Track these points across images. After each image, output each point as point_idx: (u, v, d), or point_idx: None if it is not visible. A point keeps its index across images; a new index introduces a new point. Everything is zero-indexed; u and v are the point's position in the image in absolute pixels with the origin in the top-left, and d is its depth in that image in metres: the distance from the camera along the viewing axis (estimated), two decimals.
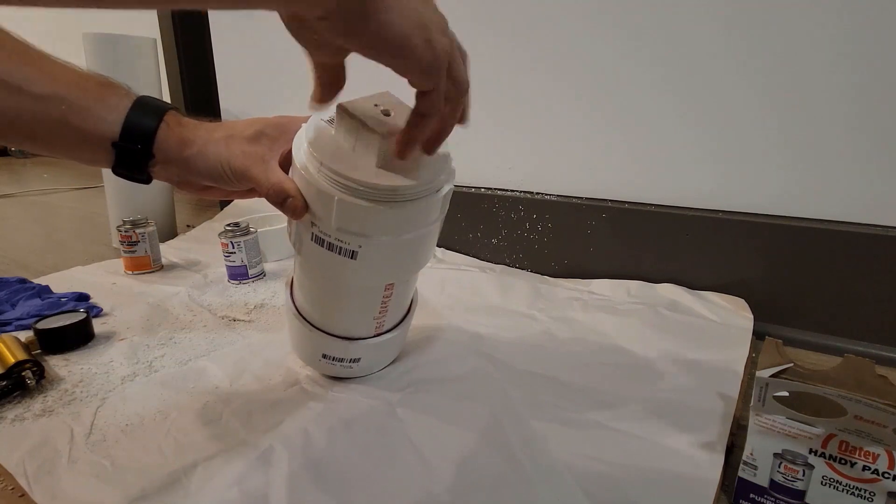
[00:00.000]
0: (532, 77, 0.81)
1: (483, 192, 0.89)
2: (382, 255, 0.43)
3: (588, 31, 0.74)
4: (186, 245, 1.04)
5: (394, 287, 0.48)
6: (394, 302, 0.49)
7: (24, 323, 0.67)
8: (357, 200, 0.39)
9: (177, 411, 0.49)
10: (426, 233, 0.44)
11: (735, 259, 0.69)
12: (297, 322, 0.51)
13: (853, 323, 0.63)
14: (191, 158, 0.41)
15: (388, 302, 0.49)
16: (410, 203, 0.40)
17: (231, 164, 0.41)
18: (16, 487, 0.41)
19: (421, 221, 0.43)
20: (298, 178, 0.41)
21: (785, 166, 0.65)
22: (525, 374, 0.54)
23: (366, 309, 0.49)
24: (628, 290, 0.74)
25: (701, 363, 0.56)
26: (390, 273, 0.46)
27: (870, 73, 0.58)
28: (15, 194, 1.70)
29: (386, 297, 0.48)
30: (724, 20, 0.65)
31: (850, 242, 0.61)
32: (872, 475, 0.33)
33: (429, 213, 0.42)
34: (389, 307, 0.49)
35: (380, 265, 0.44)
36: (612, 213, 0.77)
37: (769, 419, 0.35)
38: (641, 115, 0.73)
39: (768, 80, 0.64)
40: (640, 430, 0.45)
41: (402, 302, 0.52)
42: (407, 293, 0.52)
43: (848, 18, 0.58)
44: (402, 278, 0.48)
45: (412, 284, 0.52)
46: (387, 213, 0.39)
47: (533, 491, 0.39)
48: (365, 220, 0.40)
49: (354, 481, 0.40)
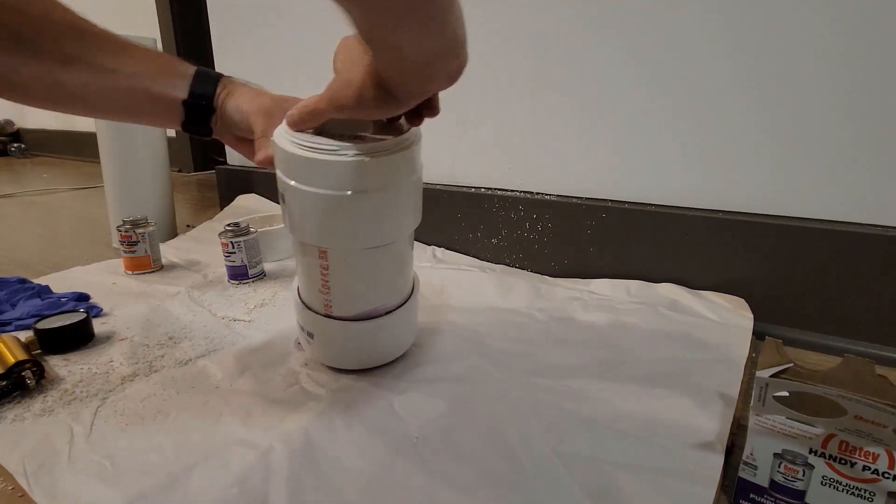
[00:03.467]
0: (532, 77, 0.81)
1: (483, 192, 0.89)
2: (301, 204, 0.46)
3: (588, 31, 0.74)
4: (186, 245, 1.04)
5: (329, 260, 0.48)
6: (337, 283, 0.50)
7: (24, 323, 0.67)
8: (283, 144, 0.44)
9: (177, 411, 0.49)
10: (345, 201, 0.44)
11: (735, 259, 0.69)
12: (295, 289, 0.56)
13: (853, 323, 0.63)
14: (233, 114, 0.51)
15: (329, 278, 0.49)
16: (318, 154, 0.43)
17: (250, 124, 0.50)
18: (16, 487, 0.41)
19: (329, 180, 0.44)
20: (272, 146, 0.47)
21: (785, 166, 0.65)
22: (525, 374, 0.54)
23: (310, 274, 0.51)
24: (628, 289, 0.74)
25: (701, 363, 0.56)
26: (310, 231, 0.47)
27: (869, 71, 0.58)
28: (15, 194, 1.71)
29: (324, 269, 0.49)
30: (722, 20, 0.65)
31: (850, 242, 0.61)
32: (872, 475, 0.33)
33: (338, 173, 0.43)
34: (332, 286, 0.50)
35: (300, 217, 0.47)
36: (612, 213, 0.77)
37: (769, 419, 0.35)
38: (641, 115, 0.73)
39: (768, 80, 0.64)
40: (640, 429, 0.45)
41: (351, 292, 0.51)
42: (357, 286, 0.51)
43: (844, 15, 0.58)
44: (326, 243, 0.48)
45: (365, 282, 0.51)
46: (298, 159, 0.43)
47: (533, 491, 0.39)
48: (284, 161, 0.45)
49: (354, 481, 0.40)
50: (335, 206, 0.45)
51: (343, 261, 0.49)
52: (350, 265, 0.50)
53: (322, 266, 0.49)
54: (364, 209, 0.46)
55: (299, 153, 0.43)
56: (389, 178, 0.45)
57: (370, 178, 0.44)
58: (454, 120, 0.90)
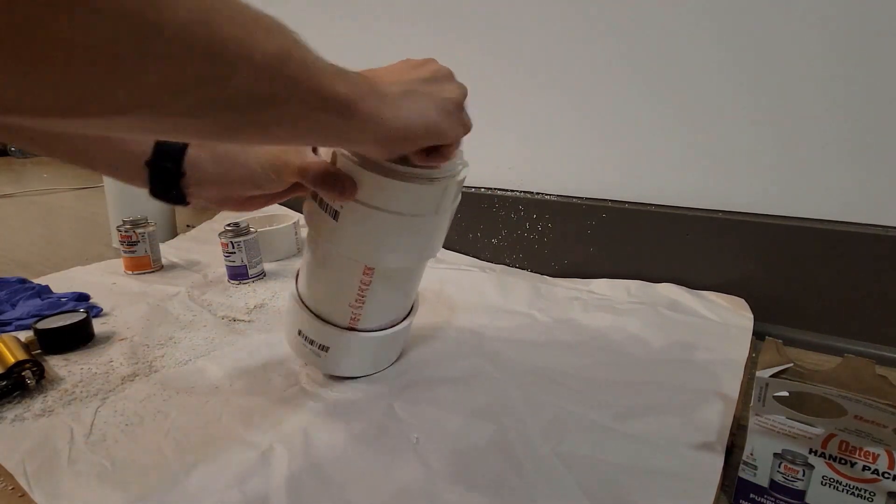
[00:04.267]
0: (532, 77, 0.81)
1: (483, 192, 0.89)
2: (362, 224, 0.44)
3: (587, 32, 0.74)
4: (186, 245, 1.04)
5: (373, 276, 0.48)
6: (373, 298, 0.49)
7: (24, 323, 0.67)
8: (347, 161, 0.42)
9: (177, 411, 0.49)
10: (410, 222, 0.44)
11: (735, 259, 0.69)
12: (290, 299, 0.53)
13: (853, 323, 0.63)
14: (228, 172, 0.42)
15: (366, 293, 0.49)
16: (391, 179, 0.41)
17: (270, 162, 0.42)
18: (16, 487, 0.41)
19: (403, 202, 0.43)
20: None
21: (784, 166, 0.65)
22: (525, 374, 0.54)
23: (342, 288, 0.49)
24: (628, 289, 0.74)
25: (701, 363, 0.56)
26: (367, 251, 0.46)
27: (869, 71, 0.58)
28: (15, 194, 1.71)
29: (364, 285, 0.48)
30: (722, 21, 0.65)
31: (850, 242, 0.61)
32: (872, 475, 0.33)
33: (413, 197, 0.43)
34: (367, 301, 0.49)
35: (357, 235, 0.45)
36: (612, 213, 0.77)
37: (769, 419, 0.35)
38: (641, 115, 0.73)
39: (768, 80, 0.64)
40: (640, 429, 0.45)
41: (383, 305, 0.51)
42: (391, 299, 0.51)
43: (843, 15, 0.58)
44: (381, 263, 0.47)
45: (398, 295, 0.52)
46: (367, 178, 0.41)
47: (533, 491, 0.39)
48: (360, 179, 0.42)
49: (354, 481, 0.40)
50: (402, 227, 0.45)
51: (387, 278, 0.49)
52: (392, 281, 0.50)
53: (363, 282, 0.48)
54: (425, 230, 0.47)
55: (375, 174, 0.41)
56: (451, 200, 0.47)
57: (443, 201, 0.45)
58: None
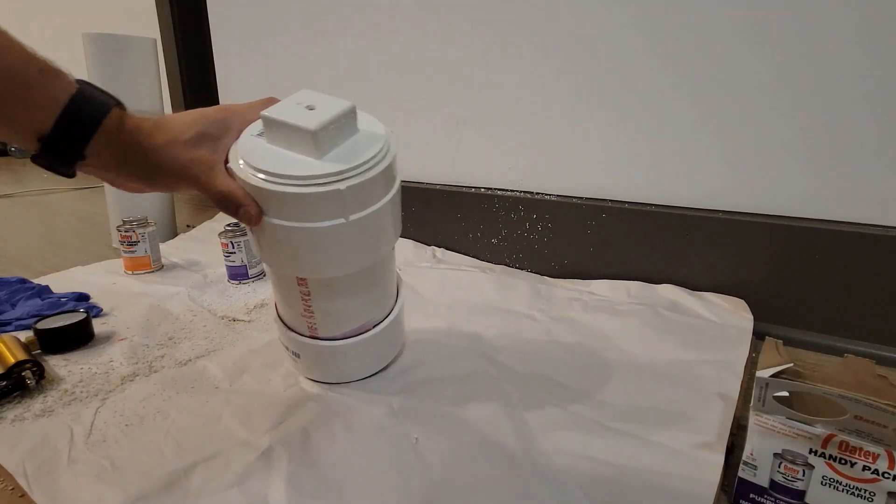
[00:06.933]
0: (532, 77, 0.81)
1: (483, 192, 0.89)
2: (274, 235, 0.43)
3: (587, 32, 0.74)
4: (186, 245, 1.04)
5: (309, 286, 0.47)
6: (319, 307, 0.48)
7: (24, 323, 0.67)
8: (246, 177, 0.41)
9: (177, 411, 0.49)
10: (320, 231, 0.41)
11: (735, 259, 0.69)
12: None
13: (853, 323, 0.63)
14: (133, 169, 0.39)
15: (311, 302, 0.48)
16: (286, 187, 0.40)
17: (177, 174, 0.40)
18: (16, 487, 0.41)
19: (302, 212, 0.41)
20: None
21: (784, 166, 0.65)
22: (525, 375, 0.54)
23: (289, 298, 0.49)
24: (628, 290, 0.74)
25: (701, 363, 0.56)
26: (284, 261, 0.45)
27: (871, 70, 0.58)
28: (15, 194, 1.70)
29: (305, 296, 0.47)
30: (721, 25, 0.65)
31: (850, 242, 0.61)
32: (872, 475, 0.33)
33: (311, 205, 0.40)
34: (315, 310, 0.48)
35: (274, 247, 0.44)
36: (612, 213, 0.77)
37: (769, 419, 0.35)
38: (641, 115, 0.73)
39: (768, 81, 0.64)
40: (640, 430, 0.45)
41: (339, 313, 0.49)
42: (344, 307, 0.49)
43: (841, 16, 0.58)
44: (305, 273, 0.46)
45: (353, 303, 0.49)
46: (270, 193, 0.40)
47: (533, 491, 0.39)
48: (256, 194, 0.41)
49: (354, 482, 0.40)
50: (311, 237, 0.42)
51: (325, 286, 0.47)
52: (332, 290, 0.47)
53: (302, 292, 0.47)
54: (343, 237, 0.43)
55: (266, 187, 0.40)
56: (368, 200, 0.43)
57: (347, 205, 0.41)
58: (454, 120, 0.90)
